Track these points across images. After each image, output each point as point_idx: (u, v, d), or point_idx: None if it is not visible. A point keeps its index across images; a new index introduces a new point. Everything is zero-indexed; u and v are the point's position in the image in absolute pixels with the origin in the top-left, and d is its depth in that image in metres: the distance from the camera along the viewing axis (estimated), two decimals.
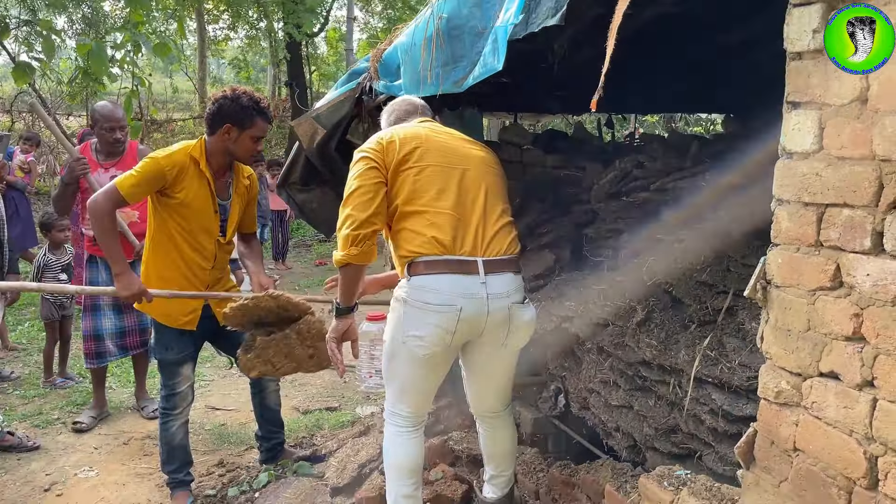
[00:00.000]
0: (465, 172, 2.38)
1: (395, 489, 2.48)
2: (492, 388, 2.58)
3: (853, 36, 1.48)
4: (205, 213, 3.04)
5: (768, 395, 1.75)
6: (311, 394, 4.98)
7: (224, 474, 3.65)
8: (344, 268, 2.32)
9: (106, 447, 4.03)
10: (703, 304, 2.69)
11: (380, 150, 2.34)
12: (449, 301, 2.23)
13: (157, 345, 3.20)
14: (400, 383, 2.45)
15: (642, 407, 2.79)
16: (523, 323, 2.40)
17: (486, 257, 2.29)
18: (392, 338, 2.39)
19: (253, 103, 2.98)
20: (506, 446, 2.65)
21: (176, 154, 2.95)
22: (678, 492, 2.08)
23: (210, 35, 22.97)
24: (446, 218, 2.29)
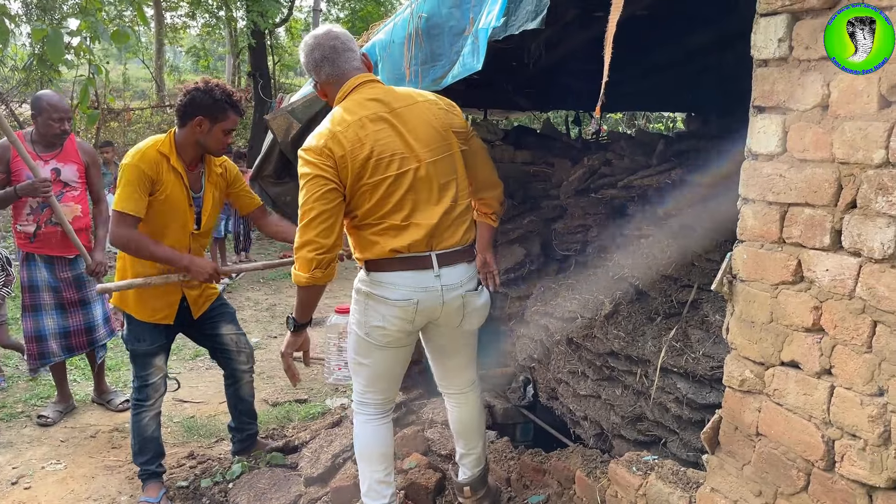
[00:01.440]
0: (416, 171, 2.29)
1: (368, 476, 2.55)
2: (453, 365, 2.66)
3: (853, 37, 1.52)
4: (180, 207, 3.04)
5: (733, 384, 1.86)
6: (280, 386, 5.00)
7: (195, 466, 3.66)
8: (305, 288, 2.30)
9: (73, 440, 4.00)
10: (669, 298, 2.81)
11: (332, 165, 2.20)
12: (406, 296, 2.31)
13: (129, 336, 3.17)
14: (367, 372, 2.52)
15: (610, 396, 2.89)
16: (476, 308, 2.47)
17: (439, 251, 2.34)
18: (356, 329, 2.45)
19: (226, 96, 2.98)
20: (473, 422, 2.70)
21: (147, 152, 2.94)
22: (646, 476, 2.18)
23: (168, 22, 22.55)
24: (400, 229, 2.30)
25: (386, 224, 2.28)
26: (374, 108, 2.28)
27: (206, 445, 3.98)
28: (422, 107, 2.33)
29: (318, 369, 5.35)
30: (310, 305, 2.40)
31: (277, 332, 6.36)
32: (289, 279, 8.15)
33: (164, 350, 3.27)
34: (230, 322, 3.43)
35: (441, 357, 2.65)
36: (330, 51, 2.34)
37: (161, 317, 3.13)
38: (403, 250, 2.29)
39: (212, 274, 3.02)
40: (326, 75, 2.36)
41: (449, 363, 2.65)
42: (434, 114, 2.35)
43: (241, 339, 3.48)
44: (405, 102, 2.32)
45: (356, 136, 2.22)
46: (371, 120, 2.26)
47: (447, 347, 2.59)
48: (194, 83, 3.00)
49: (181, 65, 28.31)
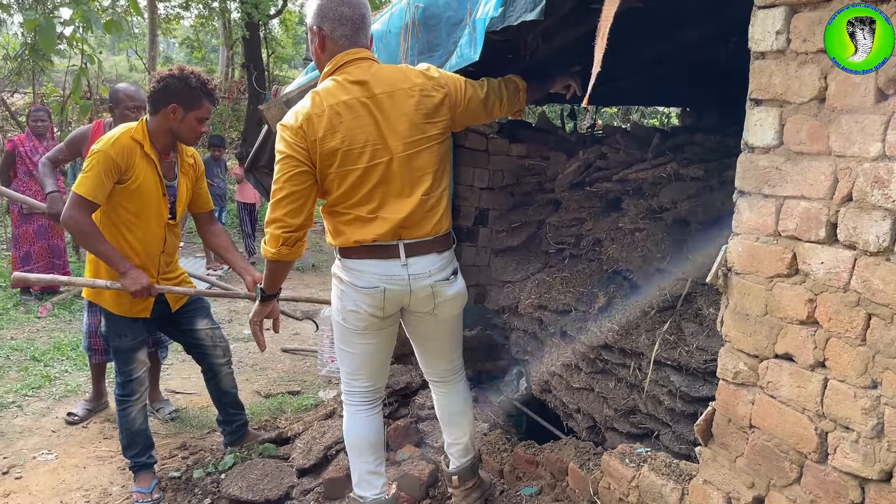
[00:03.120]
0: (389, 164, 2.28)
1: (359, 466, 2.55)
2: (432, 351, 2.65)
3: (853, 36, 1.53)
4: (153, 196, 3.01)
5: (726, 376, 1.86)
6: (273, 378, 4.99)
7: (187, 457, 3.65)
8: (273, 262, 2.37)
9: (64, 431, 3.98)
10: (662, 291, 2.81)
11: (304, 146, 2.21)
12: (372, 283, 2.33)
13: (109, 332, 3.13)
14: (350, 359, 2.53)
15: (603, 389, 2.90)
16: (448, 297, 2.45)
17: (407, 240, 2.34)
18: (335, 316, 2.48)
19: (200, 84, 2.94)
20: (457, 410, 2.70)
21: (120, 139, 2.90)
22: (639, 468, 2.19)
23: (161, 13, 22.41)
24: (368, 221, 2.31)
25: (352, 215, 2.31)
26: (356, 92, 2.24)
27: (198, 436, 3.97)
28: (403, 95, 2.27)
29: (311, 361, 5.34)
30: (277, 278, 2.50)
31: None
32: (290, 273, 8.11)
33: (146, 344, 3.26)
34: (205, 317, 3.41)
35: (421, 342, 2.65)
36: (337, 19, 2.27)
37: (138, 310, 3.10)
38: (368, 242, 2.30)
39: (142, 289, 2.90)
40: (337, 36, 2.29)
41: (428, 348, 2.65)
42: (416, 104, 2.29)
43: (216, 332, 3.45)
44: (387, 88, 2.26)
45: (329, 123, 2.21)
46: (348, 106, 2.23)
47: (424, 333, 2.59)
48: (168, 70, 2.97)
49: (174, 56, 28.17)
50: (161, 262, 3.14)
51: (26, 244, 6.42)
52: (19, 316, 6.16)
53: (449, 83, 2.34)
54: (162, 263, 3.15)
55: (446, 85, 2.34)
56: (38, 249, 6.46)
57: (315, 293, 7.27)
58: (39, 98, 14.60)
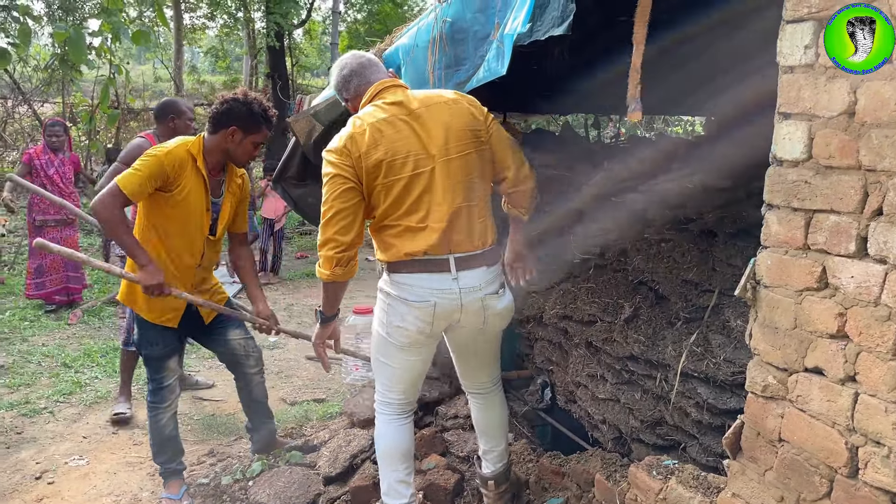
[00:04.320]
0: (432, 174, 2.33)
1: (389, 475, 2.58)
2: (475, 365, 2.72)
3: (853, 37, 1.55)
4: (198, 210, 3.07)
5: (755, 389, 1.86)
6: (298, 385, 5.04)
7: (215, 463, 3.70)
8: (328, 284, 2.43)
9: (95, 436, 4.06)
10: (689, 302, 2.80)
11: (350, 164, 2.30)
12: (423, 297, 2.36)
13: (142, 340, 3.19)
14: (388, 372, 2.56)
15: (629, 400, 2.89)
16: (497, 312, 2.50)
17: (457, 254, 2.37)
18: (379, 329, 2.51)
19: (262, 110, 3.02)
20: (495, 420, 2.77)
21: (176, 150, 2.97)
22: (666, 480, 2.18)
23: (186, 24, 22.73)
24: (417, 232, 2.35)
25: (402, 226, 2.35)
26: (393, 111, 2.35)
27: (225, 443, 4.03)
28: (440, 108, 2.38)
29: (336, 369, 5.38)
30: (334, 299, 2.54)
31: None
32: (306, 279, 8.21)
33: (177, 352, 3.32)
34: (238, 327, 3.45)
35: (464, 356, 2.70)
36: (358, 66, 2.49)
37: (165, 319, 3.15)
38: (418, 254, 2.33)
39: (156, 286, 2.90)
40: (355, 87, 2.48)
41: (471, 362, 2.70)
42: (452, 114, 2.38)
43: (249, 343, 3.50)
44: (424, 104, 2.38)
45: (372, 139, 2.29)
46: (388, 122, 2.33)
47: (470, 347, 2.64)
48: (233, 93, 3.04)
49: (199, 65, 28.55)
50: (197, 275, 3.18)
51: (39, 256, 6.45)
52: (50, 323, 6.29)
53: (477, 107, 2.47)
54: (198, 277, 3.20)
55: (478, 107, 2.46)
56: (50, 262, 6.50)
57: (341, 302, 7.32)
58: (69, 108, 14.89)
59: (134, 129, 16.75)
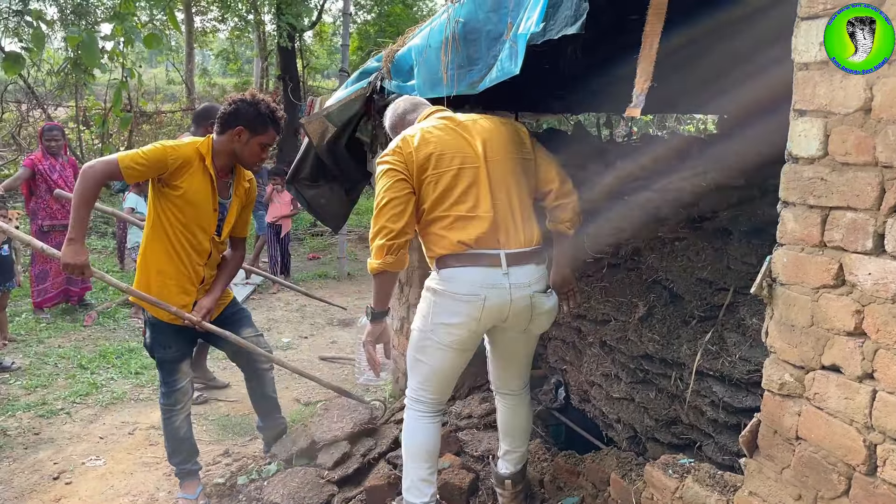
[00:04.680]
0: (479, 170, 2.45)
1: (413, 472, 2.60)
2: (513, 368, 2.76)
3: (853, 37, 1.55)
4: (204, 209, 3.09)
5: (772, 387, 1.85)
6: (312, 386, 5.03)
7: (231, 463, 3.72)
8: (379, 275, 2.46)
9: (111, 437, 4.09)
10: (704, 301, 2.80)
11: (402, 160, 2.44)
12: (474, 291, 2.39)
13: (155, 343, 3.21)
14: (426, 370, 2.58)
15: (643, 399, 2.89)
16: (545, 311, 2.53)
17: (508, 250, 2.42)
18: (421, 326, 2.53)
19: (269, 112, 3.04)
20: (522, 423, 2.81)
21: (184, 147, 3.00)
22: (682, 479, 2.18)
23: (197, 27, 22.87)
24: (467, 221, 2.42)
25: (452, 217, 2.42)
26: (443, 122, 2.55)
27: (240, 443, 4.05)
28: (485, 121, 2.57)
29: (349, 370, 5.40)
30: (385, 293, 2.54)
31: (308, 333, 6.43)
32: (318, 280, 8.21)
33: (189, 355, 3.34)
34: (248, 325, 3.47)
35: (502, 360, 2.74)
36: (411, 105, 2.75)
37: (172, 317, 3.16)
38: (471, 243, 2.39)
39: (76, 266, 2.82)
40: (409, 121, 2.68)
41: (509, 367, 2.74)
42: (495, 124, 2.57)
43: (260, 340, 3.52)
44: (470, 118, 2.58)
45: (423, 138, 2.47)
46: (438, 128, 2.51)
47: (509, 351, 2.69)
48: (240, 94, 3.06)
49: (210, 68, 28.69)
50: (204, 272, 3.21)
51: (43, 262, 6.45)
52: (66, 325, 6.34)
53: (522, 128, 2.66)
54: (206, 274, 3.22)
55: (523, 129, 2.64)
56: (55, 267, 6.45)
57: (351, 301, 7.35)
58: (82, 111, 15.00)
59: (147, 132, 16.86)
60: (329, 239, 10.98)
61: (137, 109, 15.80)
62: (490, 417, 3.48)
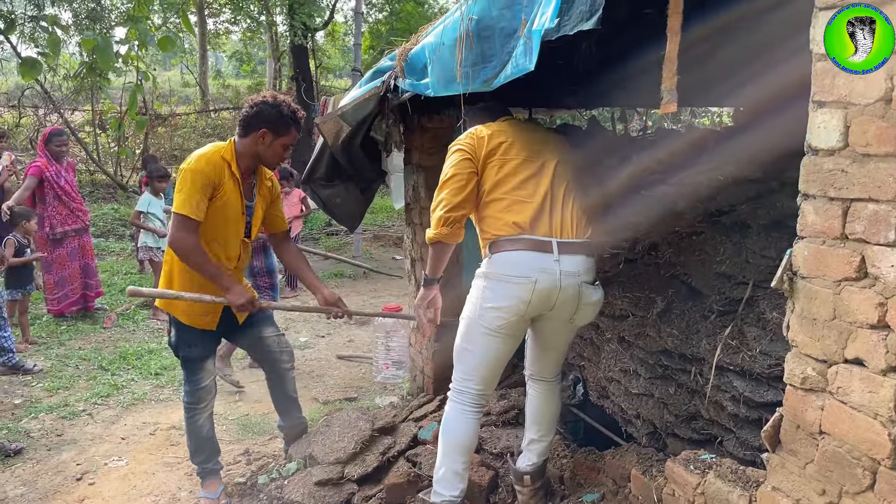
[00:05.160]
0: (544, 164, 2.63)
1: (448, 464, 2.63)
2: (552, 357, 2.84)
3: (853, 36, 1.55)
4: (235, 214, 3.11)
5: (794, 382, 1.84)
6: (330, 385, 5.07)
7: (251, 462, 3.75)
8: (434, 244, 2.66)
9: (133, 437, 4.13)
10: (723, 295, 2.78)
11: (472, 142, 2.63)
12: (525, 274, 2.46)
13: (180, 343, 3.23)
14: (472, 359, 2.62)
15: (663, 394, 2.88)
16: (591, 302, 2.60)
17: (560, 239, 2.52)
18: (470, 314, 2.60)
19: (291, 112, 3.06)
20: (552, 410, 2.87)
21: (213, 156, 3.01)
22: (704, 475, 2.17)
23: (210, 29, 22.99)
24: (524, 205, 2.55)
25: (509, 200, 2.55)
26: (517, 121, 2.83)
27: (260, 443, 4.07)
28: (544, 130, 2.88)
29: (366, 368, 5.42)
30: (438, 261, 2.75)
31: (325, 332, 6.45)
32: (334, 280, 8.23)
33: (213, 354, 3.36)
34: (271, 325, 3.49)
35: (543, 347, 2.80)
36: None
37: (206, 322, 3.19)
38: (524, 225, 2.50)
39: (246, 303, 3.03)
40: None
41: (547, 354, 2.82)
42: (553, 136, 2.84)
43: (282, 339, 3.54)
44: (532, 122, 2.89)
45: (498, 129, 2.69)
46: (512, 124, 2.76)
47: (552, 340, 2.76)
48: (262, 96, 3.07)
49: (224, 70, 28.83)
50: (234, 276, 3.23)
51: (60, 269, 6.46)
52: (86, 327, 6.40)
53: None
54: (235, 277, 3.24)
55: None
56: (71, 272, 6.52)
57: (366, 301, 7.37)
58: (98, 115, 15.12)
59: (162, 135, 16.97)
60: (344, 238, 11.01)
61: (153, 112, 15.89)
62: (508, 415, 3.49)
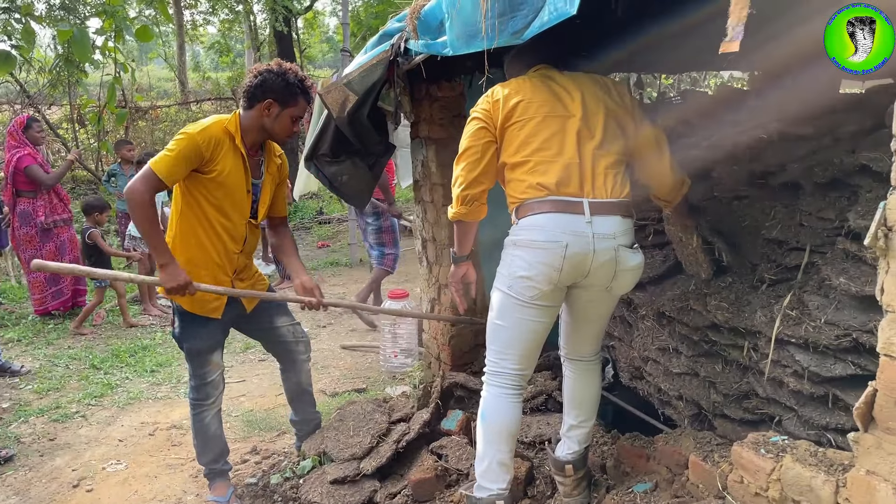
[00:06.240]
0: (568, 120, 2.34)
1: (491, 454, 2.37)
2: (589, 332, 2.57)
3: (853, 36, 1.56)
4: (238, 191, 2.86)
5: (892, 352, 1.63)
6: (336, 376, 4.83)
7: (260, 461, 3.51)
8: (456, 223, 2.53)
9: (131, 439, 3.87)
10: (773, 263, 2.56)
11: (488, 108, 2.39)
12: (554, 238, 2.22)
13: (184, 334, 2.98)
14: (506, 336, 2.37)
15: (709, 373, 2.67)
16: (630, 268, 2.32)
17: (592, 199, 2.26)
18: (499, 285, 2.37)
19: (298, 81, 2.80)
20: (592, 392, 2.61)
21: (211, 128, 2.76)
22: (779, 459, 1.96)
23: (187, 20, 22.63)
24: (549, 165, 2.29)
25: (534, 161, 2.31)
26: (539, 74, 2.50)
27: (268, 440, 3.83)
28: (584, 77, 2.49)
29: (373, 357, 5.19)
30: (464, 238, 2.61)
31: (325, 322, 6.20)
32: (329, 269, 8.02)
33: (220, 346, 3.10)
34: (285, 314, 3.26)
35: (579, 322, 2.54)
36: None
37: (210, 309, 2.93)
38: (551, 186, 2.26)
39: (179, 287, 2.69)
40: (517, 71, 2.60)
41: (584, 330, 2.55)
42: (594, 81, 2.48)
43: (297, 328, 3.30)
44: (570, 74, 2.51)
45: (515, 87, 2.42)
46: (530, 80, 2.45)
47: (588, 312, 2.50)
48: (267, 65, 2.81)
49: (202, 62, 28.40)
50: (239, 262, 2.98)
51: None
52: None
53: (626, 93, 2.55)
54: (240, 264, 2.99)
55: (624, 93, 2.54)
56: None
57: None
58: (75, 110, 14.71)
59: (142, 128, 16.59)
60: (337, 226, 10.75)
61: (133, 105, 15.49)
62: (536, 401, 3.27)
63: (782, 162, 2.56)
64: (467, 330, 3.65)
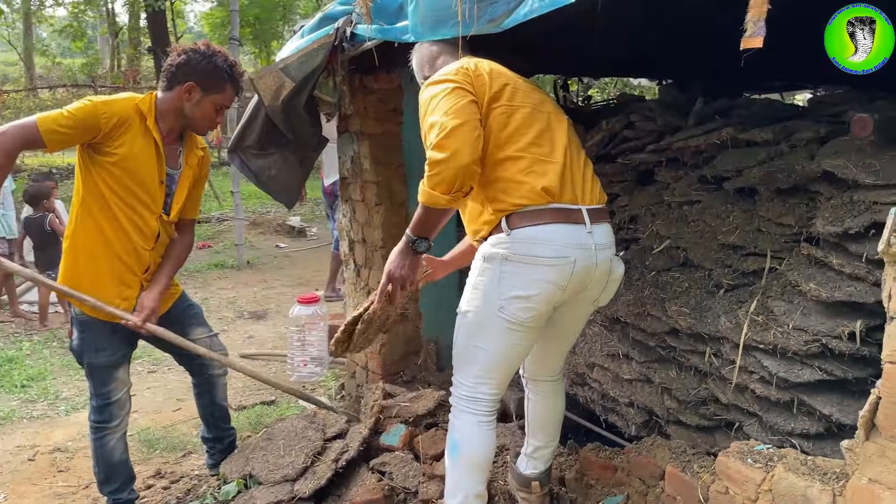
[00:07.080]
0: (550, 116, 2.12)
1: (466, 488, 2.14)
2: (564, 349, 2.42)
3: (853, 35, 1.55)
4: (148, 180, 2.52)
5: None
6: (239, 388, 4.47)
7: (168, 486, 3.14)
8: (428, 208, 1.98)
9: (7, 465, 3.37)
10: (729, 268, 2.56)
11: (469, 80, 2.00)
12: (563, 254, 1.98)
13: (84, 345, 2.60)
14: (486, 358, 2.10)
15: (664, 379, 2.64)
16: (618, 277, 2.19)
17: (587, 206, 2.07)
18: (482, 305, 2.05)
19: (227, 66, 2.52)
20: (557, 413, 2.45)
21: (117, 103, 2.43)
22: (768, 468, 1.92)
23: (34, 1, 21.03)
24: (547, 165, 2.02)
25: (529, 158, 2.01)
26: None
27: (172, 461, 3.46)
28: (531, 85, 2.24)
29: (275, 366, 4.87)
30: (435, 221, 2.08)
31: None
32: (215, 271, 7.50)
33: (127, 360, 2.74)
34: (201, 324, 2.93)
35: (556, 339, 2.34)
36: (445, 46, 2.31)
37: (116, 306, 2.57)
38: (555, 192, 1.98)
39: None
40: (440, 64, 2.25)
41: (559, 347, 2.38)
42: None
43: (215, 340, 2.98)
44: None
45: (494, 68, 2.11)
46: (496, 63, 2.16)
47: (568, 328, 2.31)
48: (193, 45, 2.51)
49: (50, 47, 26.35)
50: (150, 259, 2.63)
51: None
52: None
53: None
54: (151, 261, 2.64)
55: None
56: None
57: (259, 293, 6.73)
58: None
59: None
60: (217, 226, 10.15)
61: None
62: None
63: (738, 167, 2.56)
64: (399, 338, 3.46)
